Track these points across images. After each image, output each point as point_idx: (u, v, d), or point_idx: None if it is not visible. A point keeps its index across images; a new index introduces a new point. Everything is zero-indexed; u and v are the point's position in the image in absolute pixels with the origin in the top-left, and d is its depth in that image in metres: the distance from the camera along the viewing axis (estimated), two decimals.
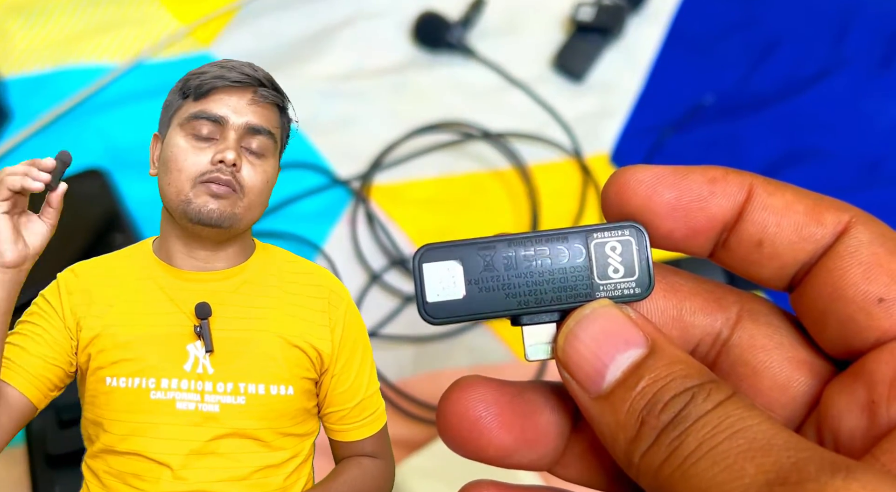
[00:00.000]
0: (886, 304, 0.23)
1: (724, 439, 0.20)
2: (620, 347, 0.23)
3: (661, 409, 0.21)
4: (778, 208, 0.24)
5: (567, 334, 0.23)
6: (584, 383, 0.23)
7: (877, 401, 0.22)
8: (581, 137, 0.97)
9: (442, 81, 1.01)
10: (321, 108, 0.98)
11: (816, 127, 0.98)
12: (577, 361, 0.23)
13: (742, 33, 1.06)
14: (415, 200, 0.93)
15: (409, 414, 0.78)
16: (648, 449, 0.21)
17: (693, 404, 0.21)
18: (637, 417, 0.22)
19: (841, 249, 0.23)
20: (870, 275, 0.23)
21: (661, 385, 0.22)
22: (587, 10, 1.02)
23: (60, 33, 1.03)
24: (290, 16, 1.06)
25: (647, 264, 0.25)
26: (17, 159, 0.93)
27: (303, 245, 0.88)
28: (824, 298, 0.24)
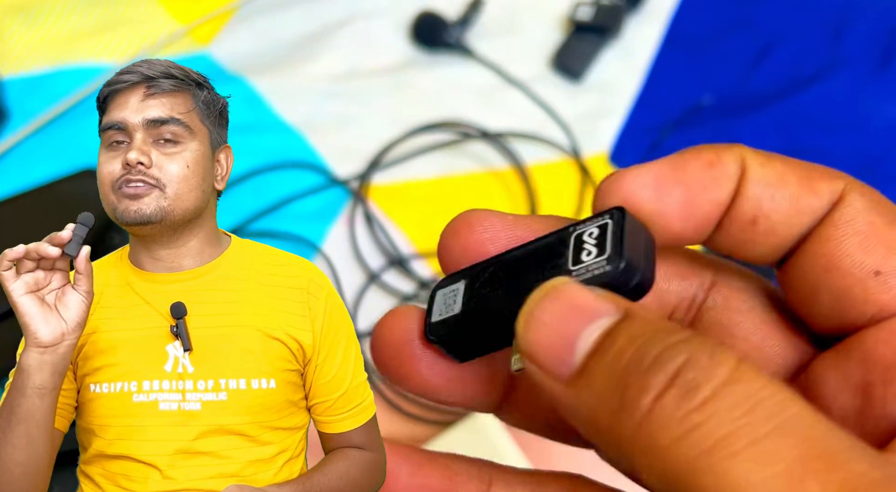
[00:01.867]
0: (884, 277, 0.21)
1: (771, 432, 0.16)
2: (587, 319, 0.19)
3: (649, 365, 0.17)
4: (772, 181, 0.22)
5: (526, 318, 0.20)
6: (552, 366, 0.19)
7: (873, 383, 0.20)
8: (580, 137, 0.96)
9: (440, 81, 1.01)
10: (319, 108, 0.98)
11: (815, 126, 0.98)
12: (540, 343, 0.19)
13: (740, 33, 1.06)
14: (413, 199, 0.92)
15: (407, 413, 0.78)
16: (646, 418, 0.17)
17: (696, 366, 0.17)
18: (617, 380, 0.18)
19: (836, 218, 0.22)
20: (866, 245, 0.21)
21: (640, 341, 0.18)
22: (585, 9, 1.02)
23: (58, 33, 1.03)
24: (288, 15, 1.05)
25: (620, 240, 0.21)
26: (15, 159, 0.93)
27: (301, 245, 0.88)
28: (817, 270, 0.22)
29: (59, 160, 0.92)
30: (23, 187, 0.88)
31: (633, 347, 0.18)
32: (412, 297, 0.85)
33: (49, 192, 0.87)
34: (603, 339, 0.19)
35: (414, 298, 0.85)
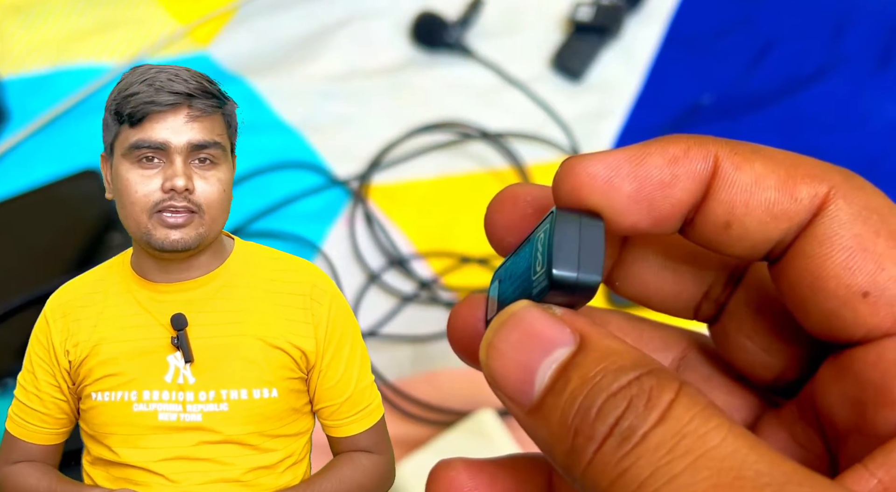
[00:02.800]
0: (872, 298, 0.20)
1: (685, 468, 0.17)
2: (546, 350, 0.20)
3: (595, 415, 0.18)
4: (746, 185, 0.21)
5: (487, 347, 0.20)
6: (513, 395, 0.20)
7: (865, 403, 0.20)
8: (579, 137, 0.97)
9: (440, 81, 1.01)
10: (319, 108, 0.98)
11: (814, 126, 0.98)
12: (502, 373, 0.20)
13: (740, 33, 1.06)
14: (413, 200, 0.93)
15: (407, 414, 0.78)
16: (590, 464, 0.18)
17: (633, 413, 0.18)
18: (570, 426, 0.19)
19: (819, 233, 0.21)
20: (853, 263, 0.20)
21: (590, 385, 0.19)
22: (585, 9, 1.02)
23: (58, 33, 1.03)
24: (288, 16, 1.05)
25: (549, 250, 0.21)
26: (15, 160, 0.93)
27: (301, 245, 0.88)
28: (803, 287, 0.21)
29: (59, 161, 0.92)
30: (23, 188, 0.88)
31: (583, 390, 0.19)
32: (412, 297, 0.85)
33: (49, 192, 0.87)
34: (558, 375, 0.19)
35: (414, 298, 0.85)
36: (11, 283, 0.80)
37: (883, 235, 0.20)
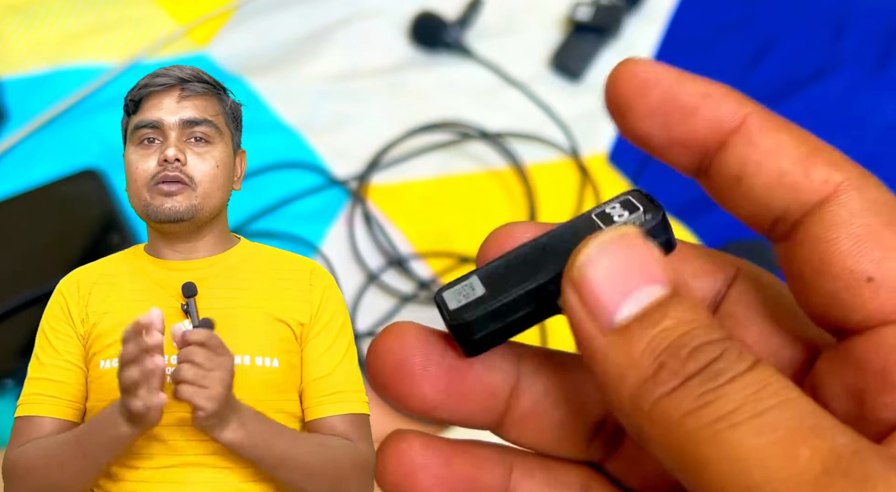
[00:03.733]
0: (875, 284, 0.20)
1: (772, 407, 0.18)
2: (642, 282, 0.20)
3: (686, 354, 0.19)
4: (764, 149, 0.22)
5: (586, 256, 0.20)
6: (597, 311, 0.20)
7: (866, 390, 0.21)
8: (579, 137, 0.96)
9: (439, 81, 1.01)
10: (318, 108, 0.98)
11: (814, 126, 0.96)
12: (592, 286, 0.20)
13: (739, 33, 1.06)
14: (412, 200, 0.92)
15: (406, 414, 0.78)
16: (668, 394, 0.19)
17: (725, 360, 0.19)
18: (656, 357, 0.19)
19: (829, 218, 0.21)
20: (861, 248, 0.21)
21: (685, 329, 0.19)
22: (585, 9, 1.02)
23: (57, 33, 1.03)
24: (287, 16, 1.05)
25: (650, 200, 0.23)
26: (15, 160, 0.93)
27: (300, 245, 0.88)
28: (809, 270, 0.21)
29: (58, 161, 0.92)
30: (22, 188, 0.88)
31: (678, 331, 0.19)
32: (411, 297, 0.85)
33: (49, 192, 0.87)
34: (652, 309, 0.20)
35: (413, 298, 0.85)
36: (10, 283, 0.80)
37: (892, 228, 0.21)
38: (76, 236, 0.84)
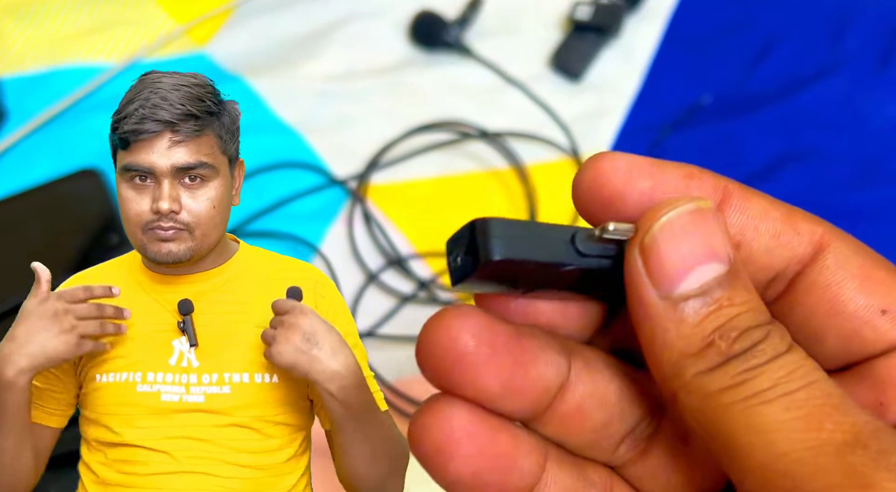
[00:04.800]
0: (891, 314, 0.22)
1: (802, 387, 0.20)
2: (708, 257, 0.21)
3: (735, 336, 0.20)
4: (755, 213, 0.23)
5: (664, 223, 0.21)
6: (660, 279, 0.21)
7: (885, 403, 0.22)
8: (578, 137, 0.96)
9: (439, 81, 1.01)
10: (318, 108, 0.98)
11: (814, 126, 0.98)
12: (661, 254, 0.21)
13: (740, 33, 1.06)
14: (412, 199, 0.92)
15: (406, 414, 0.78)
16: (709, 371, 0.20)
17: (769, 342, 0.20)
18: (707, 335, 0.21)
19: (829, 265, 0.23)
20: (866, 287, 0.23)
21: (737, 311, 0.21)
22: (585, 9, 1.02)
23: (56, 33, 1.02)
24: (286, 15, 1.05)
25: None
26: (14, 159, 0.93)
27: (299, 245, 0.88)
28: (819, 314, 0.23)
29: (57, 160, 0.91)
30: (21, 187, 0.88)
31: (731, 312, 0.21)
32: (411, 297, 0.85)
33: (48, 191, 0.87)
34: (712, 287, 0.21)
35: (413, 298, 0.85)
36: (10, 282, 0.80)
37: (882, 268, 0.23)
38: (75, 236, 0.84)
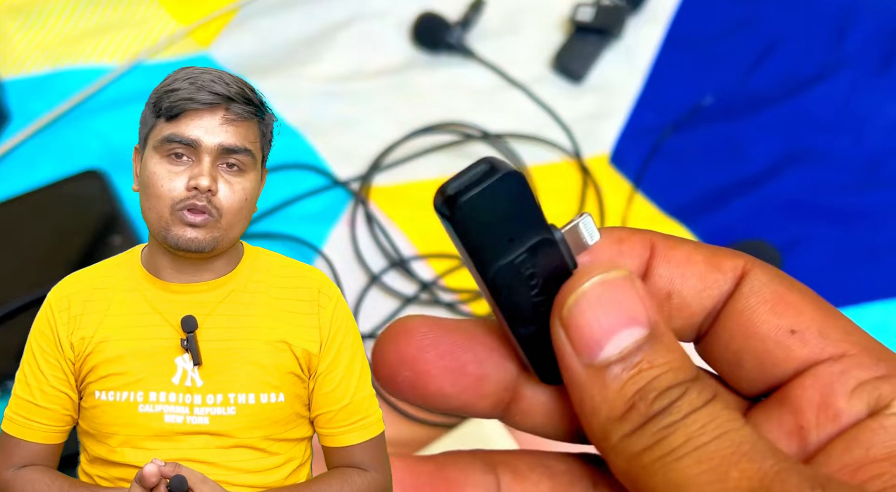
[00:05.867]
0: (799, 334, 0.24)
1: (713, 439, 0.21)
2: (625, 323, 0.22)
3: (654, 397, 0.21)
4: (680, 261, 0.25)
5: (579, 295, 0.23)
6: (581, 349, 0.22)
7: (805, 426, 0.23)
8: (580, 138, 0.96)
9: (441, 82, 1.01)
10: (320, 109, 0.98)
11: (816, 127, 0.98)
12: (580, 324, 0.22)
13: (741, 34, 1.06)
14: (414, 201, 0.92)
15: (408, 416, 0.78)
16: (632, 433, 0.21)
17: (685, 399, 0.21)
18: (628, 399, 0.22)
19: (746, 291, 0.24)
20: (777, 310, 0.24)
21: (657, 373, 0.22)
22: (586, 10, 1.02)
23: (59, 34, 1.03)
24: (289, 17, 1.05)
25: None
26: (17, 161, 0.93)
27: (302, 247, 0.88)
28: (737, 339, 0.24)
29: (60, 161, 0.92)
30: (24, 189, 0.88)
31: (651, 374, 0.22)
32: (413, 298, 0.85)
33: (51, 193, 0.87)
34: (632, 352, 0.22)
35: (415, 299, 0.85)
36: (12, 284, 0.80)
37: (796, 292, 0.24)
38: (78, 237, 0.84)
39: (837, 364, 0.23)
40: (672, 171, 0.95)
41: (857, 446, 0.22)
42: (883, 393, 0.23)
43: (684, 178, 0.95)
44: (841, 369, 0.23)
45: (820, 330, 0.24)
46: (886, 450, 0.22)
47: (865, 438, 0.22)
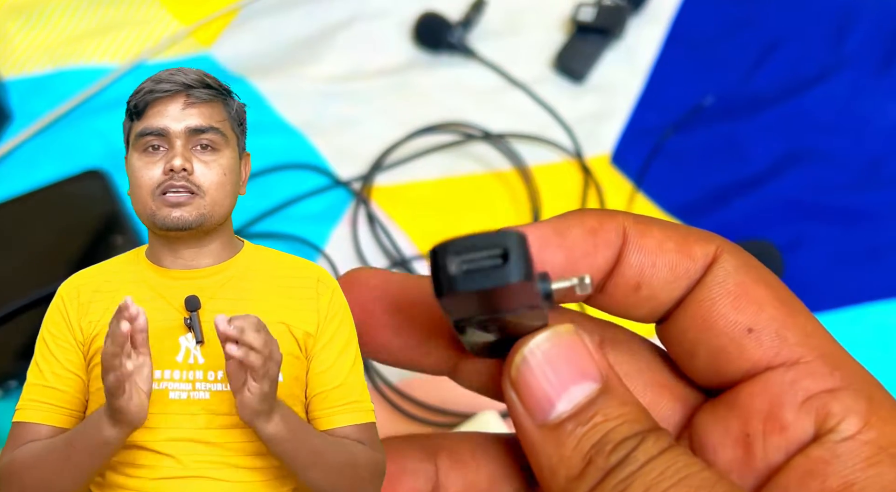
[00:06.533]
0: (755, 334, 0.23)
1: (671, 486, 0.20)
2: (576, 379, 0.22)
3: (610, 450, 0.21)
4: (652, 249, 0.24)
5: (522, 357, 0.22)
6: (533, 408, 0.22)
7: (752, 435, 0.23)
8: (582, 138, 0.96)
9: (442, 82, 1.01)
10: (322, 109, 0.98)
11: (817, 127, 0.98)
12: (529, 383, 0.22)
13: (743, 34, 1.06)
14: (416, 201, 0.93)
15: (409, 415, 0.78)
16: (593, 489, 0.21)
17: (641, 449, 0.21)
18: (585, 455, 0.21)
19: (709, 280, 0.24)
20: (738, 305, 0.23)
21: (612, 426, 0.21)
22: (588, 10, 1.02)
23: (60, 34, 1.03)
24: (290, 17, 1.06)
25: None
26: (18, 161, 0.93)
27: (303, 246, 0.88)
28: (694, 329, 0.24)
29: (61, 161, 0.92)
30: (26, 189, 0.88)
31: (606, 427, 0.21)
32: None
33: (52, 193, 0.87)
34: (584, 407, 0.21)
35: None
36: (13, 284, 0.80)
37: (762, 284, 0.23)
38: (79, 238, 0.84)
39: (790, 372, 0.22)
40: (673, 171, 0.95)
41: (811, 478, 0.21)
42: (832, 410, 0.22)
43: (685, 178, 0.95)
44: (792, 379, 0.22)
45: (778, 331, 0.23)
46: (842, 480, 0.21)
47: (819, 470, 0.22)
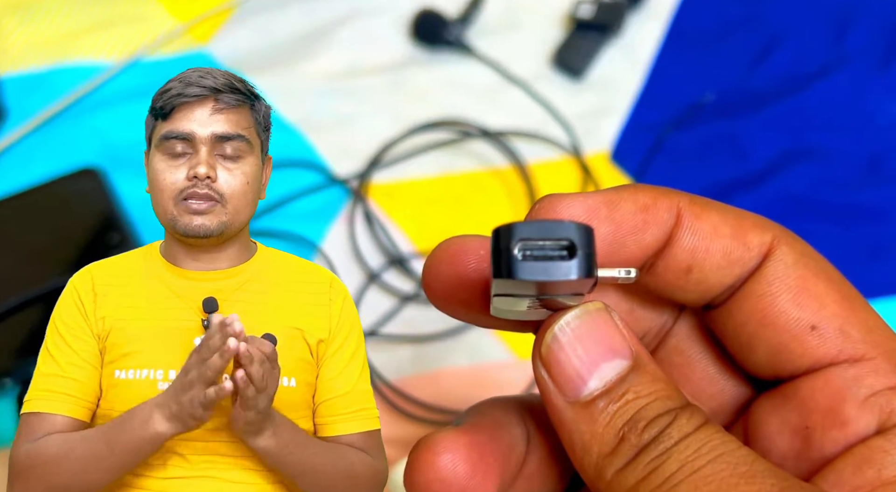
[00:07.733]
0: (819, 331, 0.23)
1: (707, 463, 0.20)
2: (607, 356, 0.22)
3: (643, 427, 0.21)
4: (706, 232, 0.24)
5: (556, 332, 0.22)
6: (564, 386, 0.22)
7: (811, 427, 0.22)
8: (581, 136, 0.96)
9: (440, 79, 1.00)
10: (319, 107, 0.98)
11: (818, 124, 0.97)
12: (560, 361, 0.22)
13: (743, 30, 1.05)
14: (413, 198, 0.92)
15: (407, 414, 0.78)
16: (625, 466, 0.21)
17: (675, 426, 0.21)
18: (618, 431, 0.21)
19: (768, 274, 0.23)
20: (799, 300, 0.23)
21: (645, 402, 0.21)
22: (587, 6, 1.01)
23: (56, 31, 1.02)
24: (287, 13, 1.05)
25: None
26: (14, 158, 0.93)
27: (300, 244, 0.87)
28: (753, 324, 0.23)
29: (57, 159, 0.91)
30: (22, 186, 0.87)
31: (638, 404, 0.21)
32: (412, 296, 0.85)
33: (48, 191, 0.86)
34: (616, 384, 0.21)
35: (415, 297, 0.85)
36: (9, 282, 0.80)
37: (822, 278, 0.23)
38: (75, 235, 0.84)
39: (853, 369, 0.22)
40: (673, 168, 0.95)
41: (868, 466, 0.21)
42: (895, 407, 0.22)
43: (685, 175, 0.95)
44: (855, 375, 0.22)
45: (841, 327, 0.23)
46: None
47: (877, 458, 0.21)
